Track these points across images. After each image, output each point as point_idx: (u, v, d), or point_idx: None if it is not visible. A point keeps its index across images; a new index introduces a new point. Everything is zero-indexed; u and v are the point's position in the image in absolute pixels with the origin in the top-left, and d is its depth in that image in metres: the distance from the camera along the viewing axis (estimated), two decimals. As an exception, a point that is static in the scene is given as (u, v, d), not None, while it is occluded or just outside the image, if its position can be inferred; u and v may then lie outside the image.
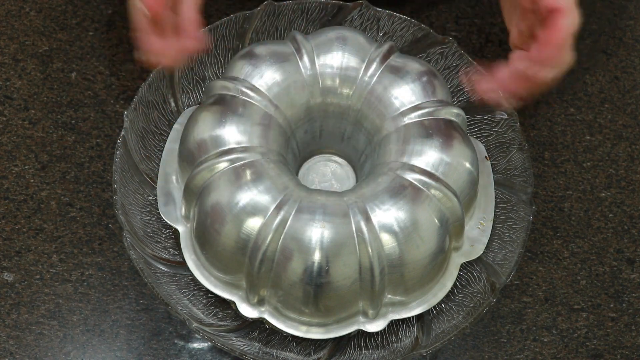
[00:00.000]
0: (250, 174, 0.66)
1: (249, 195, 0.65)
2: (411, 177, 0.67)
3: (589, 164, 0.80)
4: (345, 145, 0.73)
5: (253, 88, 0.69)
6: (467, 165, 0.69)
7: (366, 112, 0.71)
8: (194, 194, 0.68)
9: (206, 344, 0.72)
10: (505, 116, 0.73)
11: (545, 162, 0.80)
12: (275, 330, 0.67)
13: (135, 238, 0.68)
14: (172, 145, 0.72)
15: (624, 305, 0.75)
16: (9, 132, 0.78)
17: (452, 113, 0.70)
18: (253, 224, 0.65)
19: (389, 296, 0.67)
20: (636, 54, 0.85)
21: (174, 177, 0.71)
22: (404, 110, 0.69)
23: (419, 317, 0.69)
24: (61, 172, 0.77)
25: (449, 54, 0.75)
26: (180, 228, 0.69)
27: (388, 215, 0.65)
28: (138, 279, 0.74)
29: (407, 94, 0.70)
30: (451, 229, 0.68)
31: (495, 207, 0.72)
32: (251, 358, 0.65)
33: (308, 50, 0.71)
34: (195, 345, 0.72)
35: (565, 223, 0.78)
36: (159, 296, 0.66)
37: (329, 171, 0.73)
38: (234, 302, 0.67)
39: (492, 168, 0.73)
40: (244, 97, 0.69)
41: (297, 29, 0.75)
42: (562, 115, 0.82)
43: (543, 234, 0.77)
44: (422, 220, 0.66)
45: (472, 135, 0.74)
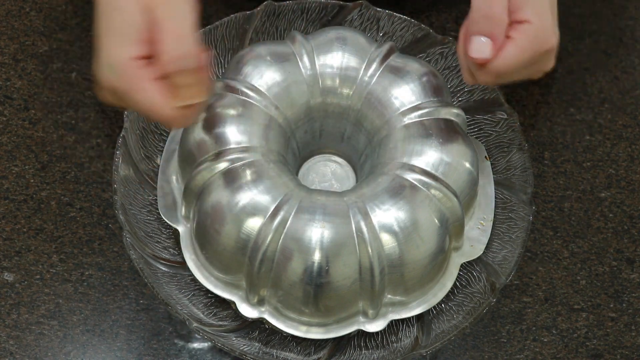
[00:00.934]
0: (250, 174, 0.66)
1: (249, 195, 0.65)
2: (411, 177, 0.67)
3: (589, 164, 0.80)
4: (345, 145, 0.73)
5: (253, 88, 0.69)
6: (467, 165, 0.69)
7: (366, 112, 0.71)
8: (194, 194, 0.68)
9: (206, 344, 0.72)
10: (505, 116, 0.73)
11: (545, 162, 0.80)
12: (275, 330, 0.67)
13: (135, 238, 0.68)
14: (172, 145, 0.72)
15: (624, 305, 0.75)
16: (9, 132, 0.78)
17: (452, 113, 0.70)
18: (253, 224, 0.65)
19: (389, 296, 0.67)
20: (636, 54, 0.85)
21: (174, 177, 0.71)
22: (404, 110, 0.69)
23: (419, 317, 0.69)
24: (61, 172, 0.77)
25: (449, 54, 0.75)
26: (180, 228, 0.69)
27: (388, 215, 0.65)
28: (138, 279, 0.74)
29: (407, 94, 0.70)
30: (451, 229, 0.68)
31: (495, 207, 0.72)
32: (251, 358, 0.65)
33: (308, 50, 0.71)
34: (195, 345, 0.72)
35: (565, 223, 0.78)
36: (159, 296, 0.66)
37: (329, 171, 0.73)
38: (234, 302, 0.67)
39: (492, 168, 0.73)
40: (244, 97, 0.69)
41: (297, 29, 0.75)
42: (562, 115, 0.82)
43: (543, 234, 0.77)
44: (422, 220, 0.66)
45: (472, 135, 0.74)
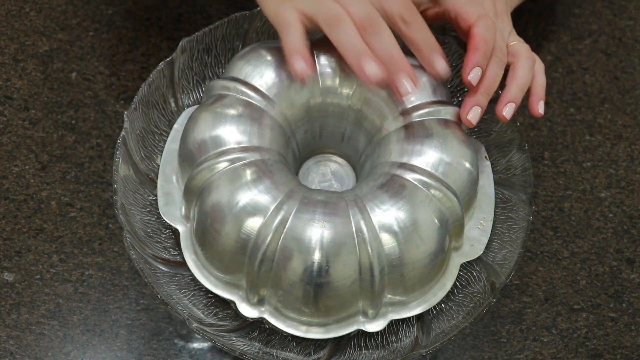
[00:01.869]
0: (250, 173, 0.66)
1: (249, 195, 0.65)
2: (411, 177, 0.67)
3: (588, 164, 0.80)
4: (345, 145, 0.73)
5: (253, 88, 0.69)
6: (467, 165, 0.69)
7: (366, 112, 0.71)
8: (194, 194, 0.68)
9: (206, 344, 0.72)
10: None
11: (545, 162, 0.80)
12: (275, 330, 0.67)
13: (135, 238, 0.68)
14: (172, 145, 0.72)
15: (624, 305, 0.75)
16: (9, 132, 0.78)
17: (452, 113, 0.70)
18: (253, 223, 0.65)
19: (389, 296, 0.67)
20: (636, 54, 0.85)
21: (174, 177, 0.71)
22: (404, 110, 0.69)
23: (419, 317, 0.69)
24: (61, 172, 0.77)
25: (448, 54, 0.75)
26: (180, 228, 0.69)
27: (388, 215, 0.65)
28: (138, 279, 0.74)
29: (407, 94, 0.70)
30: (451, 229, 0.68)
31: (495, 207, 0.72)
32: (251, 358, 0.65)
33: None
34: (195, 345, 0.72)
35: (565, 223, 0.78)
36: (159, 296, 0.66)
37: (329, 171, 0.73)
38: (234, 302, 0.67)
39: (492, 168, 0.73)
40: (244, 97, 0.69)
41: (297, 29, 0.75)
42: (562, 115, 0.82)
43: (543, 234, 0.77)
44: (422, 220, 0.66)
45: (472, 135, 0.74)
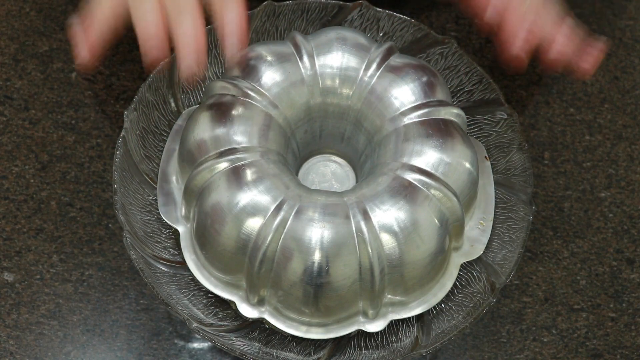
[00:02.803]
0: (250, 174, 0.66)
1: (249, 195, 0.65)
2: (411, 177, 0.67)
3: (588, 164, 0.80)
4: (345, 145, 0.73)
5: (253, 88, 0.69)
6: (467, 165, 0.69)
7: (366, 112, 0.71)
8: (194, 194, 0.68)
9: (206, 344, 0.72)
10: (505, 116, 0.73)
11: (545, 162, 0.80)
12: (275, 330, 0.67)
13: (135, 238, 0.68)
14: (172, 145, 0.72)
15: (624, 305, 0.75)
16: (9, 132, 0.78)
17: (452, 113, 0.70)
18: (253, 224, 0.65)
19: (389, 296, 0.67)
20: (636, 54, 0.85)
21: (174, 177, 0.71)
22: (404, 110, 0.69)
23: (419, 317, 0.69)
24: (61, 172, 0.77)
25: (449, 54, 0.75)
26: (180, 228, 0.69)
27: (388, 216, 0.65)
28: (138, 279, 0.74)
29: (407, 94, 0.70)
30: (451, 229, 0.68)
31: (495, 207, 0.72)
32: (251, 358, 0.65)
33: (308, 50, 0.71)
34: (195, 345, 0.72)
35: (565, 223, 0.78)
36: (159, 296, 0.66)
37: (329, 171, 0.73)
38: (234, 302, 0.67)
39: (492, 168, 0.73)
40: (243, 97, 0.69)
41: (297, 29, 0.75)
42: (562, 115, 0.82)
43: (543, 234, 0.77)
44: (422, 221, 0.66)
45: (472, 135, 0.74)
